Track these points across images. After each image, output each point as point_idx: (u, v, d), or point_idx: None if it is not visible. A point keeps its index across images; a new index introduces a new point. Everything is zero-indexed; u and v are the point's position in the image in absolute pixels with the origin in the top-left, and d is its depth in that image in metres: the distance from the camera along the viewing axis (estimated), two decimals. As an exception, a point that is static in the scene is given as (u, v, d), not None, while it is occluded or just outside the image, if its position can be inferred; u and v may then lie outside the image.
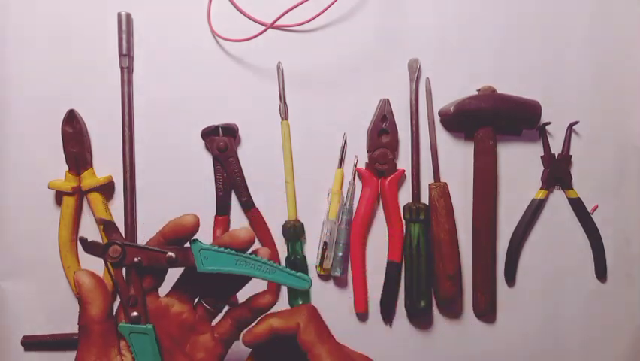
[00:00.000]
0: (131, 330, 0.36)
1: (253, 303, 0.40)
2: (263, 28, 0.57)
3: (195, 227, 0.37)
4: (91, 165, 0.57)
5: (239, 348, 0.41)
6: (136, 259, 0.36)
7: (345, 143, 0.60)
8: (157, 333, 0.36)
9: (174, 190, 0.58)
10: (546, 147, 0.62)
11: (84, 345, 0.35)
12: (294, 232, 0.58)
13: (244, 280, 0.40)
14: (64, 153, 0.55)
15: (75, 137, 0.55)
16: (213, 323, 0.41)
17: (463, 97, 0.58)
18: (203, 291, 0.40)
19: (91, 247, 0.37)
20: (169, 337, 0.38)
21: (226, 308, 0.42)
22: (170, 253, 0.36)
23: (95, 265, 0.57)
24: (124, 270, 0.37)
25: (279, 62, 0.59)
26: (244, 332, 0.38)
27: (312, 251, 0.59)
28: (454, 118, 0.58)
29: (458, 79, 0.61)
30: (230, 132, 0.58)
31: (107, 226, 0.37)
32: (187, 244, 0.37)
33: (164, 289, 0.40)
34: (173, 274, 0.40)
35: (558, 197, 0.63)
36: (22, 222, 0.57)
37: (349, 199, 0.59)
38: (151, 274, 0.38)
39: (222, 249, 0.37)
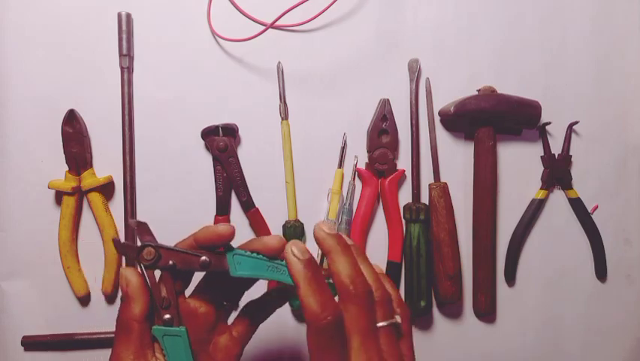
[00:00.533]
0: (164, 332, 0.36)
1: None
2: (263, 28, 0.57)
3: (231, 236, 0.37)
4: (91, 165, 0.57)
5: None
6: (170, 262, 0.36)
7: (345, 143, 0.60)
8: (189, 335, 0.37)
9: (174, 190, 0.58)
10: (546, 147, 0.62)
11: (123, 342, 0.35)
12: (294, 232, 0.58)
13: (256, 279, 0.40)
14: (64, 153, 0.55)
15: (75, 137, 0.55)
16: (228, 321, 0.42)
17: (463, 97, 0.58)
18: (224, 291, 0.41)
19: (124, 249, 0.37)
20: (196, 338, 0.38)
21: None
22: (204, 257, 0.36)
23: (95, 264, 0.57)
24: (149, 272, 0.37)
25: (279, 62, 0.59)
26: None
27: (312, 251, 0.59)
28: (454, 118, 0.58)
29: (458, 79, 0.61)
30: (230, 132, 0.58)
31: (140, 228, 0.37)
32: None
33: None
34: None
35: (558, 197, 0.63)
36: (22, 222, 0.57)
37: (349, 199, 0.59)
38: (181, 277, 0.38)
39: (255, 255, 0.37)
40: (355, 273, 0.35)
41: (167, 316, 0.36)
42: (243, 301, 0.42)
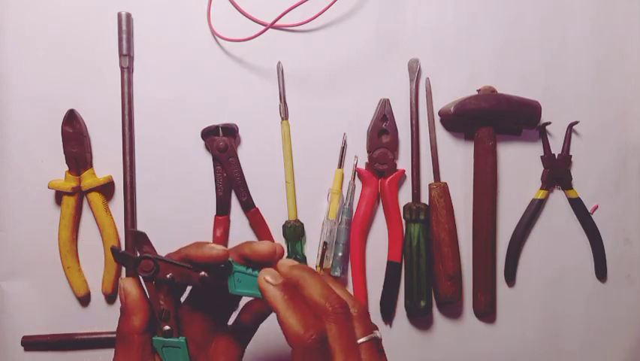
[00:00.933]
0: (163, 344, 0.36)
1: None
2: (263, 28, 0.57)
3: (225, 259, 0.36)
4: (91, 165, 0.57)
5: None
6: (168, 276, 0.36)
7: (345, 143, 0.60)
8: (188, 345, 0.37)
9: (174, 190, 0.58)
10: (546, 147, 0.62)
11: (124, 355, 0.35)
12: (294, 232, 0.58)
13: None
14: (64, 153, 0.55)
15: (75, 137, 0.55)
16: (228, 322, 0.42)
17: (463, 97, 0.58)
18: (223, 295, 0.40)
19: (123, 259, 0.36)
20: (194, 343, 0.38)
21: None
22: (203, 273, 0.36)
23: (95, 264, 0.57)
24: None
25: (279, 62, 0.59)
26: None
27: (312, 251, 0.59)
28: (454, 118, 0.58)
29: (458, 79, 0.61)
30: (230, 132, 0.58)
31: (138, 238, 0.37)
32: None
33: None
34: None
35: (558, 197, 0.63)
36: (22, 222, 0.57)
37: (349, 199, 0.59)
38: (179, 286, 0.38)
39: (256, 273, 0.36)
40: (328, 291, 0.35)
41: (167, 327, 0.36)
42: (243, 300, 0.42)
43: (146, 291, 0.37)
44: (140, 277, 0.36)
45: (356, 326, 0.35)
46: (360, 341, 0.34)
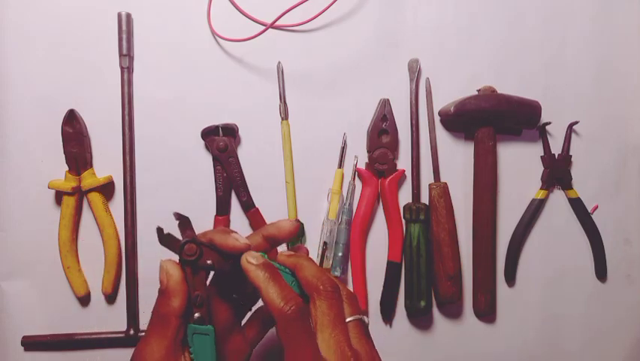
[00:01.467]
0: (194, 330, 0.36)
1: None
2: (263, 28, 0.57)
3: (246, 249, 0.37)
4: (91, 165, 0.57)
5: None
6: (208, 262, 0.36)
7: (345, 143, 0.60)
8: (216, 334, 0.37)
9: (174, 190, 0.58)
10: (546, 147, 0.62)
11: (158, 335, 0.36)
12: (294, 232, 0.58)
13: None
14: (64, 153, 0.55)
15: (75, 137, 0.55)
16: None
17: (463, 97, 0.58)
18: (237, 289, 0.41)
19: (167, 241, 0.36)
20: (217, 336, 0.39)
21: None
22: (231, 261, 0.37)
23: (95, 264, 0.57)
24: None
25: (279, 62, 0.59)
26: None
27: (312, 251, 0.59)
28: (454, 118, 0.58)
29: (458, 79, 0.61)
30: (230, 132, 0.58)
31: (182, 222, 0.37)
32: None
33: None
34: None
35: (558, 197, 0.63)
36: (22, 223, 0.57)
37: (349, 199, 0.59)
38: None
39: (284, 268, 0.38)
40: (321, 273, 0.37)
41: (197, 315, 0.36)
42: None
43: (186, 276, 0.37)
44: (181, 261, 0.37)
45: (345, 306, 0.37)
46: (348, 319, 0.36)
